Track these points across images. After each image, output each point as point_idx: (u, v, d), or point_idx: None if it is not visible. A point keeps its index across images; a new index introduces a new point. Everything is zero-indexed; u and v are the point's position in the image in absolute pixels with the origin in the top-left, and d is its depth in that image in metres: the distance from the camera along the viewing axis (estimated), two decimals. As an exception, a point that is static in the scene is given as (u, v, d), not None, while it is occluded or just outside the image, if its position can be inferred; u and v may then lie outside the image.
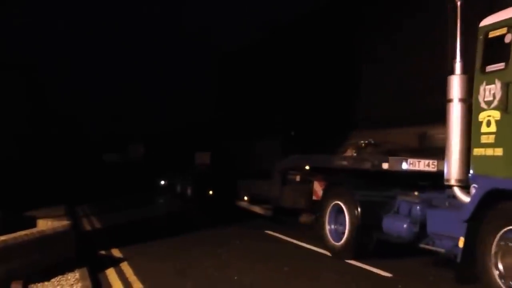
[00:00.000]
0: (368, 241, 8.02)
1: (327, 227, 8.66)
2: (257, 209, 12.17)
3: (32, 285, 6.18)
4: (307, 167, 9.85)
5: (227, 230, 11.70)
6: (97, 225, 12.61)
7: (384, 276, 7.13)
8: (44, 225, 7.60)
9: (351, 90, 18.18)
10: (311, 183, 9.81)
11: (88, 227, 12.22)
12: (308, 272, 7.43)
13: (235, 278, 6.97)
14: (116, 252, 8.81)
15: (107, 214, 14.50)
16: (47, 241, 6.97)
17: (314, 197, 9.56)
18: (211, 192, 17.32)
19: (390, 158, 7.43)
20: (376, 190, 8.12)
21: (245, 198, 13.23)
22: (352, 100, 18.25)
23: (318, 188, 9.54)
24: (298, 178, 10.57)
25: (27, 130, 18.14)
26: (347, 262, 8.05)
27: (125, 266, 7.68)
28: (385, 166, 7.37)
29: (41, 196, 17.17)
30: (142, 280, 6.84)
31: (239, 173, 16.30)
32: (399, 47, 15.59)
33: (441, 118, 10.59)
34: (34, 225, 7.75)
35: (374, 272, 7.38)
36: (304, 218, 10.31)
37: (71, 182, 31.71)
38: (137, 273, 7.23)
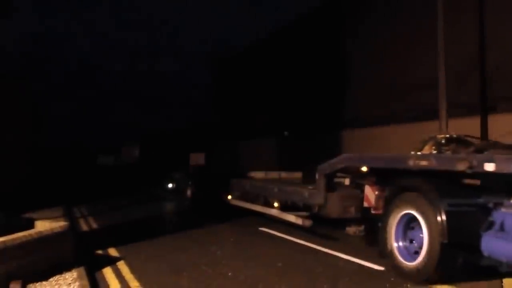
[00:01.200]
0: (453, 263, 6.28)
1: (394, 244, 7.03)
2: (291, 218, 10.20)
3: (31, 284, 6.28)
4: (363, 169, 8.24)
5: (221, 228, 11.84)
6: (94, 225, 12.71)
7: (376, 270, 7.30)
8: (42, 226, 7.67)
9: (342, 91, 18.42)
10: (362, 187, 8.36)
11: (85, 228, 12.32)
12: (300, 267, 7.58)
13: (229, 274, 7.12)
14: (113, 252, 8.93)
15: (103, 215, 14.61)
16: (45, 241, 7.07)
17: (365, 204, 8.12)
18: (207, 192, 17.34)
19: (497, 156, 5.75)
20: (467, 198, 6.28)
21: (275, 204, 11.29)
22: (343, 100, 18.48)
23: (370, 194, 8.06)
24: (347, 182, 9.33)
25: (22, 135, 18.19)
26: (339, 256, 8.23)
27: (121, 265, 7.81)
28: (489, 167, 5.68)
29: (39, 198, 17.29)
30: (138, 278, 6.98)
31: (234, 173, 16.42)
32: (389, 46, 15.81)
33: (435, 115, 10.81)
34: (32, 226, 7.79)
35: (366, 266, 7.55)
36: (353, 229, 9.23)
37: (68, 184, 31.79)
38: (133, 271, 7.37)
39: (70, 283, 6.42)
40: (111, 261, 8.07)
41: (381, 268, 7.33)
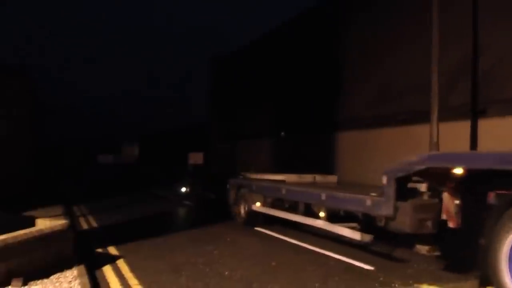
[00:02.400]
0: None
1: (508, 274, 5.30)
2: (346, 232, 8.49)
3: (32, 282, 6.42)
4: (457, 171, 6.29)
5: (219, 228, 12.05)
6: (94, 224, 12.90)
7: (366, 269, 7.53)
8: (43, 224, 7.77)
9: (337, 91, 18.62)
10: (440, 195, 6.80)
11: (85, 226, 12.50)
12: (293, 266, 7.80)
13: (226, 273, 7.33)
14: (112, 250, 9.13)
15: (103, 214, 14.78)
16: (45, 239, 7.18)
17: (444, 216, 6.62)
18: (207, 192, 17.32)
19: None
20: None
21: (321, 214, 9.37)
22: (338, 100, 18.69)
23: (450, 204, 6.51)
24: (423, 188, 7.23)
25: (21, 132, 18.32)
26: (331, 256, 8.46)
27: (121, 264, 8.01)
28: None
29: (39, 197, 17.46)
30: (138, 276, 7.18)
31: (232, 173, 16.54)
32: (383, 47, 15.99)
33: (427, 117, 10.97)
34: (33, 224, 7.85)
35: (356, 265, 7.78)
36: (426, 248, 7.29)
37: (67, 182, 31.96)
38: (133, 270, 7.57)
39: (70, 281, 6.57)
40: (111, 260, 8.26)
41: (371, 268, 7.55)
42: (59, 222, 7.94)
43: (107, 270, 7.61)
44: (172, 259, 8.35)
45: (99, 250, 9.20)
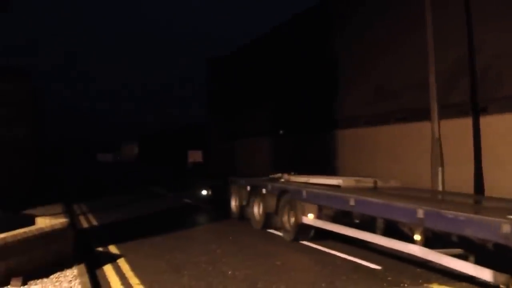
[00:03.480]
0: None
1: None
2: (464, 267, 5.94)
3: (31, 281, 6.30)
4: None
5: (220, 226, 11.89)
6: (94, 222, 12.75)
7: (373, 269, 7.36)
8: (43, 223, 7.68)
9: (333, 91, 18.54)
10: None
11: (85, 225, 12.35)
12: (299, 265, 7.65)
13: (229, 273, 7.17)
14: (113, 249, 8.99)
15: (103, 212, 14.64)
16: (45, 238, 7.08)
17: None
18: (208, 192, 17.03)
19: None
20: None
21: (416, 237, 6.74)
22: (333, 100, 18.59)
23: None
24: None
25: (22, 132, 18.20)
26: (337, 255, 8.29)
27: (122, 263, 7.87)
28: None
29: (39, 195, 17.33)
30: (138, 276, 7.04)
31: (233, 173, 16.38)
32: (380, 47, 15.88)
33: (425, 116, 10.85)
34: (33, 223, 7.79)
35: (364, 265, 7.61)
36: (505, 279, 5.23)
37: (68, 181, 31.83)
38: (134, 269, 7.42)
39: (70, 280, 6.44)
40: (112, 259, 8.12)
41: (378, 267, 7.39)
42: (59, 221, 7.83)
43: (108, 269, 7.48)
44: (174, 257, 8.20)
45: (100, 249, 9.05)
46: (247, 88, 28.19)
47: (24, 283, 6.20)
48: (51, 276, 6.59)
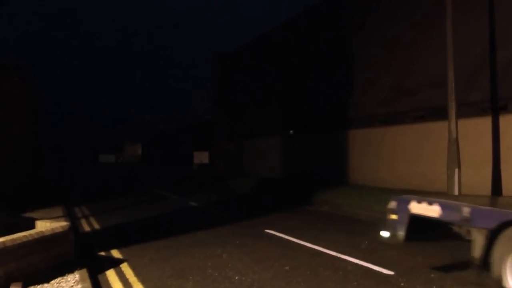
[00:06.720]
0: None
1: None
2: None
3: (31, 286, 6.12)
4: None
5: (226, 229, 11.65)
6: (96, 226, 12.52)
7: (385, 274, 7.11)
8: (43, 226, 7.51)
9: (347, 89, 18.23)
10: None
11: (87, 228, 12.13)
12: (308, 270, 7.38)
13: (236, 278, 6.93)
14: (115, 253, 8.77)
15: (105, 215, 14.43)
16: (46, 242, 6.93)
17: None
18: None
19: None
20: None
21: None
22: (347, 99, 18.28)
23: None
24: None
25: (23, 132, 18.02)
26: (347, 260, 8.03)
27: (125, 267, 7.65)
28: None
29: (40, 198, 17.13)
30: (142, 281, 6.82)
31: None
32: (395, 45, 15.60)
33: (442, 114, 10.56)
34: (33, 226, 7.69)
35: (376, 270, 7.35)
36: None
37: (69, 183, 31.66)
38: (137, 274, 7.21)
39: (72, 285, 6.24)
40: (114, 263, 7.90)
41: (391, 273, 7.14)
42: (60, 224, 7.65)
43: (110, 274, 7.26)
44: (178, 262, 7.97)
45: (102, 253, 8.83)
46: (257, 85, 27.84)
47: (24, 289, 5.99)
48: (52, 281, 6.39)
